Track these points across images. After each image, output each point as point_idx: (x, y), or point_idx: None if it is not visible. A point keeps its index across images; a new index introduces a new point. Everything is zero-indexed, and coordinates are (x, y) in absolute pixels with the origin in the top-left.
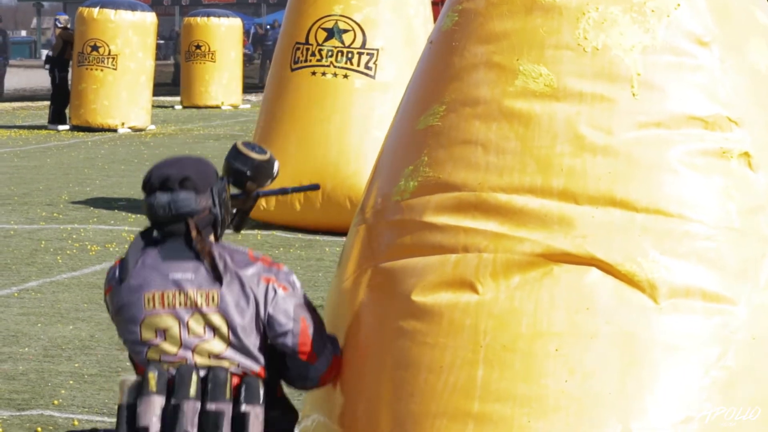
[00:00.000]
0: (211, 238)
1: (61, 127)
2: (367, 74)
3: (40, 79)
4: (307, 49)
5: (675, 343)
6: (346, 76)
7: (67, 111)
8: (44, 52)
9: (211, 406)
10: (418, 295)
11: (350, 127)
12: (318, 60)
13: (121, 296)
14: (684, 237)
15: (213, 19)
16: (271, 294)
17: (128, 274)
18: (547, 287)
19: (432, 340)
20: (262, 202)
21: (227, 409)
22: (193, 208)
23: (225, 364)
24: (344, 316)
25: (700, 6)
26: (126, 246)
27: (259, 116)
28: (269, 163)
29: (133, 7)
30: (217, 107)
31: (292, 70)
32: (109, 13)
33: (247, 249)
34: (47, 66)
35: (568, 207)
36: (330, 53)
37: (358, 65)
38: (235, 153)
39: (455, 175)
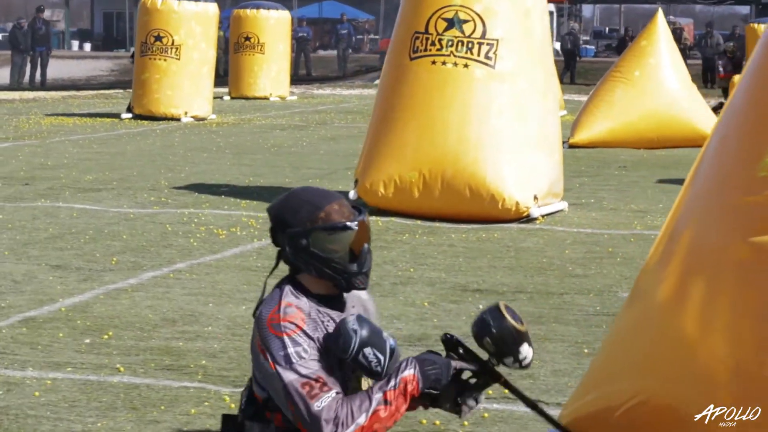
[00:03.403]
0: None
1: (123, 116)
2: (487, 64)
3: (73, 69)
4: (427, 39)
5: None
6: (466, 66)
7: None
8: (74, 43)
9: None
10: None
11: (470, 116)
12: (438, 49)
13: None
14: None
15: (262, 11)
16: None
17: None
18: None
19: None
20: (381, 188)
21: None
22: (274, 241)
23: None
24: (708, 289)
25: None
26: (249, 231)
27: (376, 104)
28: (518, 336)
29: None
30: (266, 98)
31: (411, 59)
32: (173, 3)
33: (275, 307)
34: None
35: None
36: (450, 43)
37: (478, 55)
38: (494, 309)
39: None
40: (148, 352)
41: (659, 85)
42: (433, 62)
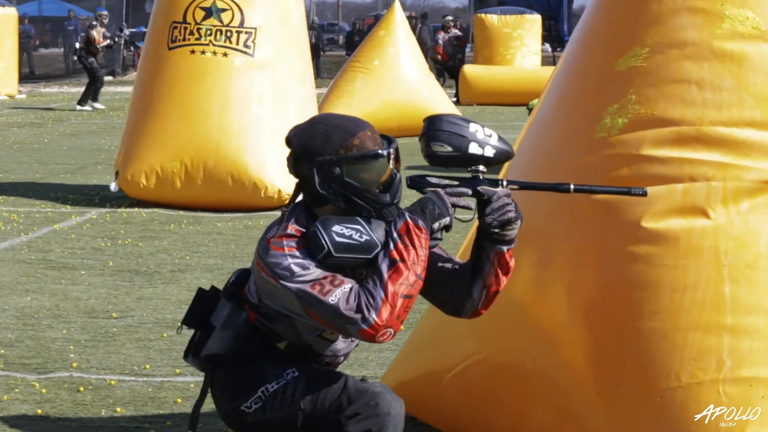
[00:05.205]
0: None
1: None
2: (246, 52)
3: None
4: (185, 28)
5: None
6: (225, 55)
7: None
8: None
9: None
10: (649, 222)
11: (231, 104)
12: (197, 39)
13: None
14: None
15: None
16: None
17: None
18: None
19: (671, 261)
20: (142, 179)
21: None
22: (292, 171)
23: None
24: (548, 249)
25: None
26: (14, 225)
27: (134, 95)
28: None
29: None
30: None
31: (170, 48)
32: None
33: (282, 234)
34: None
35: None
36: (209, 32)
37: (237, 43)
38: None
39: (671, 111)
40: None
41: (399, 74)
42: (192, 51)
